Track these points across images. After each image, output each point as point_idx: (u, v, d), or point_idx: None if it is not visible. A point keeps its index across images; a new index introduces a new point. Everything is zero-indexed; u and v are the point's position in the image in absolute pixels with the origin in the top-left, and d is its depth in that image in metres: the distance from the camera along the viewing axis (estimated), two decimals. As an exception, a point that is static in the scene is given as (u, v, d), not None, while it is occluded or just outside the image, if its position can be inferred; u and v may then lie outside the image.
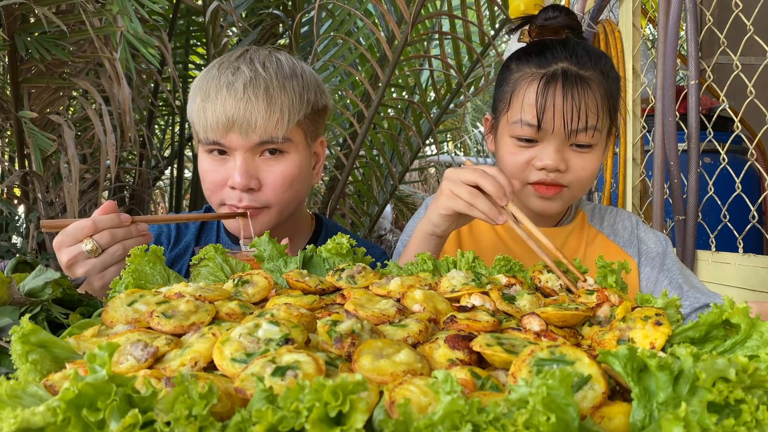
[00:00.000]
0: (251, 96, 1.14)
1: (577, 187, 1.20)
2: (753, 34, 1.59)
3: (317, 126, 1.28)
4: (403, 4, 2.17)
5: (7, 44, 2.09)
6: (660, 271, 1.25)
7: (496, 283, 0.78)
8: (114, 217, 1.02)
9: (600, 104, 1.15)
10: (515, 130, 1.17)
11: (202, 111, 1.16)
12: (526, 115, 1.15)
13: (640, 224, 1.35)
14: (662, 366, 0.44)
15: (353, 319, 0.58)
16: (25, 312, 0.67)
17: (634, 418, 0.44)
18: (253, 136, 1.15)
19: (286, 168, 1.19)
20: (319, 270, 0.93)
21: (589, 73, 1.15)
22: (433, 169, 5.13)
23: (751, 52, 1.73)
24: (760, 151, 2.57)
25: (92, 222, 1.00)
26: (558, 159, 1.14)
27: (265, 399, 0.41)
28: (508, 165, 1.20)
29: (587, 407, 0.45)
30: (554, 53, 1.16)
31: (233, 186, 1.17)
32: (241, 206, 1.18)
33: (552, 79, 1.13)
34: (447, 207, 1.04)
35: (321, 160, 1.35)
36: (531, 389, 0.41)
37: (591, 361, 0.49)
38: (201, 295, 0.68)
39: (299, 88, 1.19)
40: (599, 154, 1.19)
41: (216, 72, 1.18)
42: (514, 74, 1.20)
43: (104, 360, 0.41)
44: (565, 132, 1.13)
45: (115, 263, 1.02)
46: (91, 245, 0.98)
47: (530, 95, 1.14)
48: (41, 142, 2.10)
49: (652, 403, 0.44)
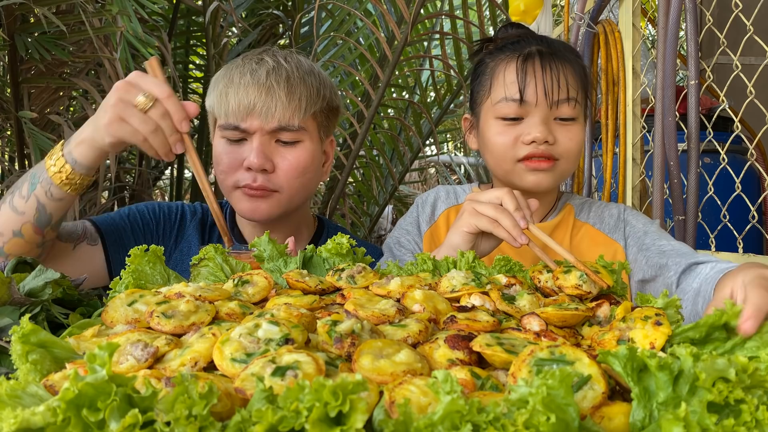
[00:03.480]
0: (273, 83, 1.20)
1: (567, 160, 1.21)
2: (753, 34, 1.59)
3: (330, 123, 1.34)
4: (403, 4, 2.17)
5: (7, 44, 2.09)
6: (639, 251, 1.24)
7: (496, 283, 0.78)
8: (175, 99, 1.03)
9: (577, 79, 1.20)
10: (499, 109, 1.20)
11: (225, 95, 1.21)
12: (508, 91, 1.18)
13: (629, 210, 1.35)
14: (662, 366, 0.44)
15: (353, 319, 0.58)
16: (25, 312, 0.67)
17: (634, 418, 0.44)
18: (271, 120, 1.19)
19: (300, 155, 1.24)
20: (319, 270, 0.93)
21: (562, 53, 1.21)
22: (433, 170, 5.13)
23: (751, 52, 1.73)
24: (760, 151, 2.57)
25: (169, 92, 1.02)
26: (545, 131, 1.17)
27: (265, 399, 0.41)
28: (496, 146, 1.21)
29: (587, 407, 0.45)
30: (527, 41, 1.23)
31: (249, 166, 1.20)
32: (256, 185, 1.21)
33: (529, 56, 1.19)
34: (470, 224, 1.04)
35: (330, 159, 1.39)
36: (531, 389, 0.41)
37: (591, 361, 0.49)
38: (201, 295, 0.68)
39: (317, 83, 1.26)
40: (582, 128, 1.23)
41: (240, 62, 1.25)
42: (489, 64, 1.25)
43: (104, 360, 0.41)
44: (548, 101, 1.16)
45: (155, 131, 1.02)
46: (144, 98, 1.00)
47: (510, 73, 1.19)
48: (41, 142, 2.10)
49: (652, 403, 0.44)
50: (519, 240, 0.98)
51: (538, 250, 0.96)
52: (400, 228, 1.39)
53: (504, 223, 1.00)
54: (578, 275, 0.79)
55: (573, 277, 0.79)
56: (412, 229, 1.37)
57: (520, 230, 0.99)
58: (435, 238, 1.34)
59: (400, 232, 1.37)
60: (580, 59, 1.25)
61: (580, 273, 0.79)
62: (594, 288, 0.78)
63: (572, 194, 1.42)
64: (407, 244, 1.33)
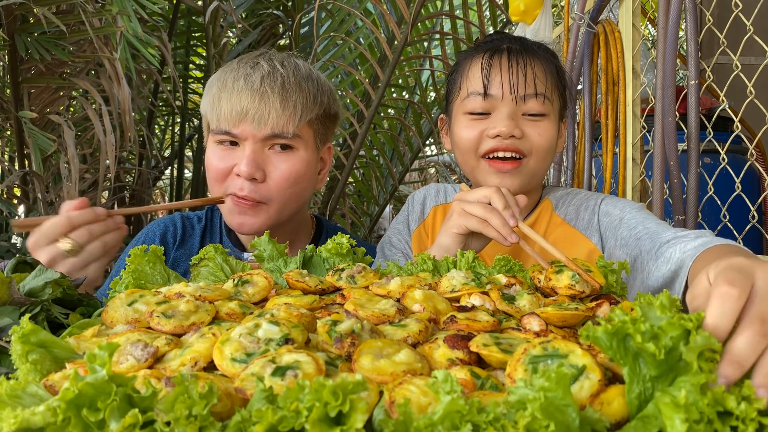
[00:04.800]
0: (267, 89, 1.16)
1: (536, 157, 1.18)
2: (753, 34, 1.59)
3: (327, 131, 1.30)
4: (403, 4, 2.17)
5: (7, 44, 2.09)
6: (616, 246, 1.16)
7: (496, 283, 0.78)
8: (89, 212, 0.98)
9: (547, 76, 1.18)
10: (466, 105, 1.19)
11: (218, 100, 1.18)
12: (473, 86, 1.18)
13: (606, 199, 1.25)
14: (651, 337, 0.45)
15: (353, 319, 0.58)
16: (25, 312, 0.67)
17: (630, 396, 0.45)
18: (264, 127, 1.16)
19: (293, 164, 1.20)
20: (319, 270, 0.93)
21: (534, 50, 1.20)
22: (433, 170, 5.13)
23: (751, 52, 1.73)
24: (760, 151, 2.57)
25: (66, 219, 0.96)
26: (511, 125, 1.14)
27: (265, 399, 0.41)
28: (462, 140, 1.20)
29: (585, 396, 0.46)
30: (501, 40, 1.23)
31: (238, 174, 1.17)
32: (242, 195, 1.18)
33: (496, 51, 1.18)
34: (459, 225, 1.03)
35: (327, 166, 1.35)
36: (529, 393, 0.41)
37: (583, 351, 0.49)
38: (201, 295, 0.68)
39: (314, 90, 1.22)
40: (553, 125, 1.19)
41: (235, 65, 1.22)
42: (462, 63, 1.25)
43: (104, 360, 0.41)
44: (513, 96, 1.14)
45: (95, 260, 0.99)
46: (70, 245, 0.94)
47: (476, 69, 1.18)
48: (41, 142, 2.10)
49: (645, 376, 0.45)
50: (509, 239, 0.98)
51: (529, 249, 0.96)
52: (392, 228, 1.39)
53: (493, 223, 0.99)
54: (570, 275, 0.79)
55: (565, 277, 0.79)
56: (402, 228, 1.37)
57: (509, 229, 0.98)
58: (423, 236, 1.34)
59: (392, 232, 1.37)
60: (555, 59, 1.23)
61: (573, 273, 0.79)
62: (587, 287, 0.78)
63: (554, 187, 1.38)
64: (398, 244, 1.34)
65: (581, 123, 2.21)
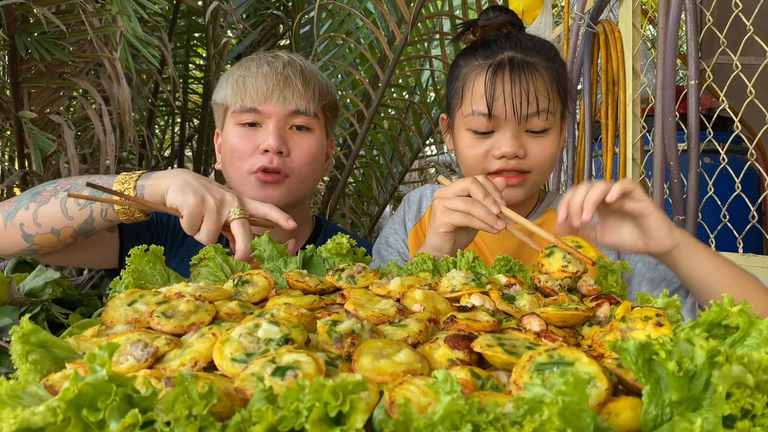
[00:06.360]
0: (290, 73, 1.28)
1: (539, 172, 1.20)
2: (753, 34, 1.59)
3: (332, 122, 1.40)
4: (403, 4, 2.17)
5: (7, 44, 2.09)
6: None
7: (496, 283, 0.78)
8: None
9: (549, 87, 1.17)
10: (470, 122, 1.19)
11: (242, 82, 1.27)
12: (477, 105, 1.17)
13: None
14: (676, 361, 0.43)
15: (353, 319, 0.58)
16: (25, 312, 0.67)
17: (646, 417, 0.44)
18: (289, 104, 1.25)
19: (311, 143, 1.30)
20: (319, 270, 0.93)
21: (534, 59, 1.17)
22: (433, 170, 5.13)
23: (751, 52, 1.73)
24: (760, 151, 2.57)
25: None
26: (515, 145, 1.15)
27: (265, 399, 0.41)
28: (467, 158, 1.21)
29: (592, 405, 0.45)
30: (499, 44, 1.20)
31: (267, 149, 1.24)
32: (273, 167, 1.24)
33: (499, 67, 1.16)
34: (444, 223, 1.03)
35: (330, 158, 1.44)
36: (545, 395, 0.40)
37: (590, 359, 0.49)
38: (201, 295, 0.68)
39: (325, 81, 1.35)
40: (555, 137, 1.21)
41: (255, 57, 1.33)
42: (462, 69, 1.23)
43: (104, 360, 0.41)
44: (516, 117, 1.14)
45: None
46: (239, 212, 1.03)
47: (479, 86, 1.17)
48: (41, 142, 2.10)
49: (665, 400, 0.44)
50: (496, 227, 0.98)
51: (517, 233, 0.96)
52: (388, 228, 1.40)
53: (477, 214, 0.99)
54: (562, 256, 0.78)
55: (557, 260, 0.78)
56: (398, 228, 1.38)
57: (494, 217, 0.98)
58: (419, 234, 1.35)
59: (388, 232, 1.38)
60: (554, 62, 1.21)
61: (564, 253, 0.79)
62: (580, 266, 0.77)
63: (556, 194, 1.39)
64: (394, 243, 1.34)
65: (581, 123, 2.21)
